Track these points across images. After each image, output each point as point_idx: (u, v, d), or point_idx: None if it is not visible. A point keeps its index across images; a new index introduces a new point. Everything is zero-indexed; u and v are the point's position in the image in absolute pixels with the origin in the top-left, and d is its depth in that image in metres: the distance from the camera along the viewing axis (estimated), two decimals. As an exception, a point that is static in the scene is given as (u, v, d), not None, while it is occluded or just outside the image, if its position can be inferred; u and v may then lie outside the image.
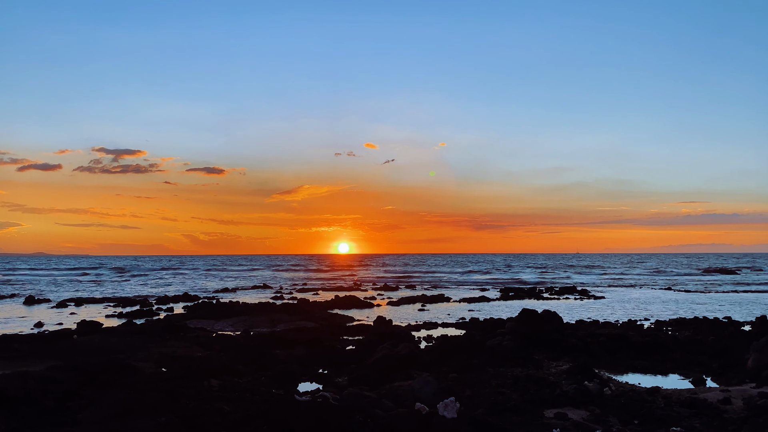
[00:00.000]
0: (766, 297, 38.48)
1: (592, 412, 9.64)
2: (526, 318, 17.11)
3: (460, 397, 10.40)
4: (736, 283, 54.05)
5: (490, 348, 15.27)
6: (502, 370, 13.74)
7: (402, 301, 33.83)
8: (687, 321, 23.47)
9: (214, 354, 15.08)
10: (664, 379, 14.02)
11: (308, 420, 7.47)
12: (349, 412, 7.80)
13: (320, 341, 18.52)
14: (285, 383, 13.25)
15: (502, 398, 10.40)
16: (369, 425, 6.99)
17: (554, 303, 33.70)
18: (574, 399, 10.25)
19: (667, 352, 16.04)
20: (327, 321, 23.81)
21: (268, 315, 24.35)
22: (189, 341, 17.42)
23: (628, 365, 15.32)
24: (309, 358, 15.62)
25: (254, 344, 17.39)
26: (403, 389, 10.00)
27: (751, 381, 12.33)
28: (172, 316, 25.30)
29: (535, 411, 9.51)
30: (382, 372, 12.93)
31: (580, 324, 21.93)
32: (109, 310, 29.73)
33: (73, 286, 52.26)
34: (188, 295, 36.87)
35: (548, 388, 11.00)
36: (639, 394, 11.47)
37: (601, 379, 13.08)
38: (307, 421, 7.50)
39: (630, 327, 20.60)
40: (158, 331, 19.13)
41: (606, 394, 11.18)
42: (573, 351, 16.40)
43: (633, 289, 45.57)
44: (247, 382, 12.69)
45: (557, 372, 13.67)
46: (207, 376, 13.12)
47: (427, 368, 13.88)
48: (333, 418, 7.49)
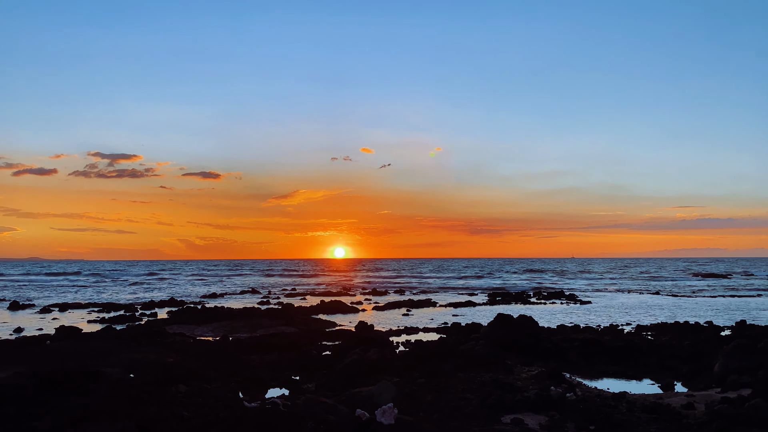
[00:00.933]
0: (753, 302, 38.55)
1: (551, 418, 9.63)
2: (500, 323, 17.11)
3: (421, 403, 10.39)
4: (725, 287, 54.15)
5: (463, 353, 15.26)
6: (472, 375, 13.72)
7: (388, 306, 33.78)
8: (668, 326, 23.50)
9: (186, 359, 15.02)
10: (634, 384, 14.03)
11: (255, 426, 7.43)
12: (299, 419, 7.76)
13: (296, 346, 18.49)
14: (253, 389, 13.21)
15: (463, 403, 10.38)
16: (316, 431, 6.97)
17: (540, 308, 33.72)
18: (535, 404, 10.23)
19: (640, 357, 16.05)
20: (308, 326, 23.76)
21: (249, 320, 24.28)
22: (164, 347, 17.35)
23: (600, 370, 15.33)
24: (282, 363, 15.58)
25: (229, 350, 17.34)
26: (362, 395, 9.96)
27: (717, 386, 12.34)
28: (152, 321, 25.23)
29: (493, 416, 9.49)
30: (350, 378, 12.89)
31: (560, 329, 21.93)
32: (92, 315, 29.61)
33: (61, 291, 52.07)
34: (174, 301, 36.76)
35: (511, 394, 10.98)
36: (604, 399, 11.47)
37: (569, 384, 13.08)
38: (253, 427, 7.46)
39: (607, 332, 20.62)
40: (135, 337, 19.05)
41: (569, 399, 11.17)
42: (547, 356, 16.39)
43: (621, 294, 45.60)
44: (215, 388, 12.63)
45: (527, 377, 13.67)
46: (175, 382, 13.06)
47: (398, 373, 13.84)
48: (281, 425, 7.46)
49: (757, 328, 22.40)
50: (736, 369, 12.64)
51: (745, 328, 22.23)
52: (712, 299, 40.50)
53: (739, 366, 12.72)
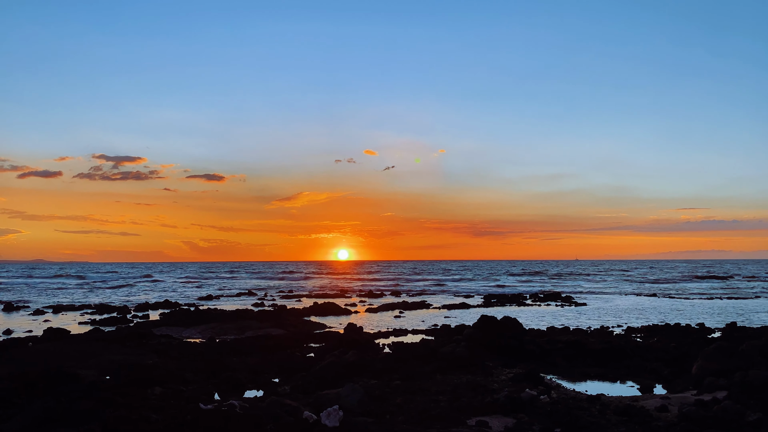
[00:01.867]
0: (751, 304, 38.35)
1: (519, 420, 9.56)
2: (483, 325, 17.04)
3: (390, 405, 10.33)
4: (724, 290, 53.89)
5: (443, 355, 15.20)
6: (451, 377, 13.67)
7: (381, 308, 33.72)
8: (658, 328, 23.38)
9: (166, 361, 14.99)
10: (614, 386, 13.95)
11: (207, 429, 7.40)
12: (255, 421, 7.72)
13: (281, 348, 18.46)
14: (230, 391, 13.19)
15: (432, 405, 10.32)
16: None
17: (534, 309, 33.61)
18: (504, 406, 10.16)
19: (623, 359, 15.96)
20: (297, 328, 23.73)
21: (239, 322, 24.27)
22: (147, 348, 17.34)
23: (582, 372, 15.25)
24: (263, 365, 15.54)
25: (212, 352, 17.32)
26: (329, 397, 9.92)
27: (694, 388, 12.25)
28: (141, 323, 25.24)
29: (458, 419, 9.43)
30: (325, 380, 12.86)
31: (549, 331, 21.82)
32: (85, 317, 29.65)
33: (59, 293, 52.18)
34: (168, 302, 36.79)
35: (482, 396, 10.93)
36: (578, 402, 11.39)
37: (546, 386, 13.00)
38: (206, 429, 7.43)
39: (595, 334, 20.52)
40: (120, 339, 19.06)
41: (542, 401, 11.10)
42: (530, 358, 16.32)
43: (618, 296, 45.44)
44: (192, 390, 12.61)
45: (505, 379, 13.59)
46: (152, 384, 13.05)
47: (376, 375, 13.80)
48: (234, 427, 7.42)
49: (748, 330, 22.25)
50: (714, 371, 12.54)
51: (735, 330, 22.06)
52: (709, 301, 40.31)
53: (718, 368, 12.62)
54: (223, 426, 7.39)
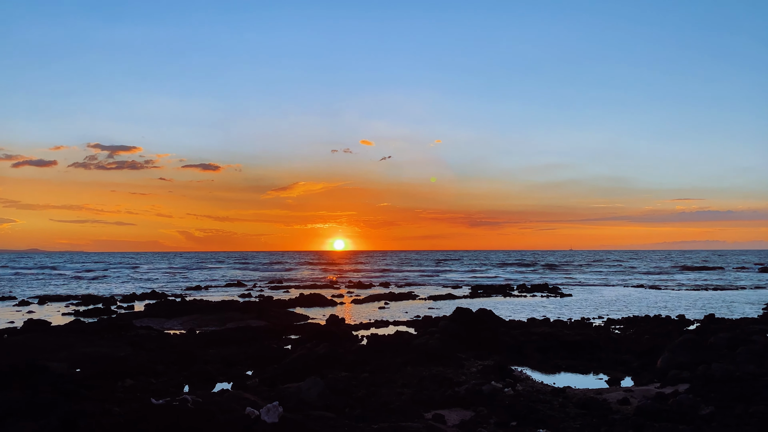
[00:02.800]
0: (736, 295, 38.56)
1: (478, 413, 9.63)
2: (458, 317, 17.12)
3: (351, 398, 10.39)
4: (713, 281, 54.16)
5: (416, 347, 15.27)
6: (421, 369, 13.74)
7: (367, 299, 33.79)
8: (638, 319, 23.51)
9: (140, 354, 15.03)
10: (583, 378, 14.03)
11: (157, 423, 7.44)
12: (207, 415, 7.75)
13: (259, 340, 18.50)
14: (200, 383, 13.24)
15: (394, 398, 10.39)
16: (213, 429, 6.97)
17: (519, 300, 33.74)
18: (465, 399, 10.25)
19: (596, 351, 16.06)
20: (278, 320, 23.77)
21: (221, 313, 24.30)
22: (124, 341, 17.35)
23: (554, 364, 15.33)
24: (237, 357, 15.59)
25: (188, 343, 17.36)
26: (290, 390, 9.98)
27: (658, 381, 12.35)
28: (124, 314, 25.26)
29: (417, 412, 9.50)
30: (294, 372, 12.90)
31: (529, 322, 21.90)
32: (70, 308, 29.63)
33: (49, 283, 52.12)
34: (155, 293, 36.79)
35: (445, 389, 11.00)
36: (542, 394, 11.48)
37: (514, 379, 13.10)
38: (156, 424, 7.47)
39: (575, 326, 20.63)
40: (99, 331, 19.06)
41: (507, 394, 11.19)
42: (504, 350, 16.41)
43: (605, 287, 45.64)
44: (161, 383, 12.67)
45: (476, 371, 13.67)
46: (122, 377, 13.10)
47: (348, 368, 13.86)
48: (184, 422, 7.45)
49: (726, 322, 22.40)
50: (680, 364, 12.64)
51: (712, 321, 22.21)
52: (695, 292, 40.52)
53: (684, 361, 12.72)
54: (173, 421, 7.42)
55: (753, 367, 11.85)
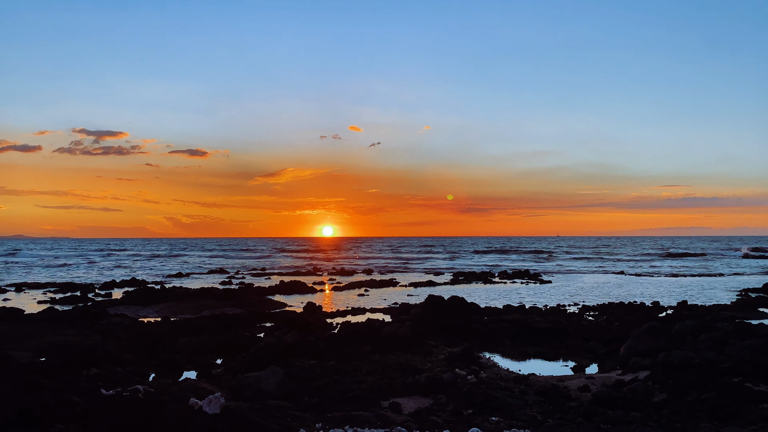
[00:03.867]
0: (714, 281, 39.02)
1: (437, 401, 9.69)
2: (430, 304, 17.19)
3: (312, 387, 10.42)
4: (693, 267, 54.73)
5: (386, 335, 15.31)
6: (389, 357, 13.79)
7: (348, 287, 33.84)
8: (613, 306, 23.73)
9: (109, 342, 14.95)
10: (549, 365, 14.18)
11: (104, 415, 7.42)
12: (157, 406, 7.72)
13: (232, 328, 18.50)
14: (167, 372, 13.21)
15: (355, 387, 10.44)
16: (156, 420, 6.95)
17: (499, 287, 33.94)
18: (425, 387, 10.30)
19: (565, 339, 16.21)
20: (255, 307, 23.75)
21: (198, 301, 24.24)
22: (94, 329, 17.27)
23: (523, 351, 15.46)
24: (207, 345, 15.57)
25: (161, 332, 17.30)
26: (249, 380, 9.98)
27: (621, 368, 12.49)
28: (100, 302, 25.13)
29: (375, 400, 9.54)
30: (261, 361, 12.89)
31: (505, 309, 22.04)
32: (47, 296, 29.41)
33: (29, 270, 51.69)
34: (135, 280, 36.61)
35: (408, 376, 11.05)
36: (505, 382, 11.59)
37: (480, 366, 13.19)
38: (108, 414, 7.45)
39: (543, 313, 20.79)
40: (70, 319, 18.97)
41: (469, 381, 11.26)
42: (474, 337, 16.51)
43: (586, 274, 46.00)
44: (128, 372, 12.63)
45: (443, 358, 13.74)
46: (88, 365, 13.03)
47: (315, 356, 13.87)
48: (131, 412, 7.43)
49: (699, 308, 22.71)
50: (642, 351, 12.78)
51: (684, 308, 22.50)
52: (674, 279, 40.94)
53: (646, 348, 12.86)
54: (119, 412, 7.38)
55: (713, 354, 12.00)
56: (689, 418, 8.45)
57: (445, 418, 8.32)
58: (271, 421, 6.15)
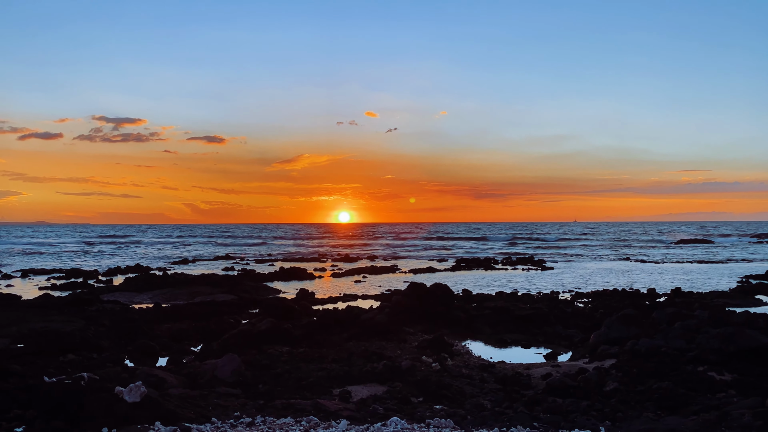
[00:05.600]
0: (720, 267, 38.52)
1: (392, 389, 9.69)
2: (411, 291, 17.18)
3: (270, 374, 10.49)
4: (701, 253, 54.03)
5: (363, 322, 15.34)
6: (364, 344, 13.84)
7: (347, 273, 33.96)
8: (607, 293, 23.53)
9: (86, 328, 15.19)
10: (523, 353, 14.14)
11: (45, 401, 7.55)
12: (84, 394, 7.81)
13: (217, 315, 18.62)
14: (143, 358, 13.41)
15: (314, 374, 10.49)
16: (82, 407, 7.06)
17: (499, 274, 33.81)
18: (382, 375, 10.32)
19: (545, 326, 16.13)
20: (249, 294, 23.95)
21: (191, 288, 24.51)
22: (80, 315, 17.54)
23: (501, 338, 15.43)
24: (188, 332, 15.76)
25: (146, 318, 17.54)
26: (205, 367, 10.09)
27: (589, 356, 12.41)
28: (96, 288, 25.53)
29: (327, 388, 9.59)
30: (232, 348, 13.00)
31: (497, 295, 21.93)
32: (50, 282, 29.91)
33: (39, 257, 52.59)
34: (140, 267, 37.09)
35: (370, 364, 11.07)
36: (470, 369, 11.59)
37: (452, 353, 13.19)
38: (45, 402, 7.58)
39: (529, 299, 20.68)
40: (61, 305, 19.30)
41: (433, 369, 11.27)
42: (455, 324, 16.52)
43: (591, 260, 45.63)
44: (102, 358, 12.84)
45: (415, 345, 13.76)
46: (65, 352, 13.26)
47: (290, 343, 13.92)
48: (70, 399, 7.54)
49: (694, 295, 22.45)
50: (613, 339, 12.68)
51: (678, 294, 22.25)
52: (680, 265, 40.46)
53: (617, 336, 12.75)
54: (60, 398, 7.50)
55: (682, 342, 11.86)
56: (636, 408, 8.38)
57: (387, 407, 8.33)
58: (188, 410, 6.21)
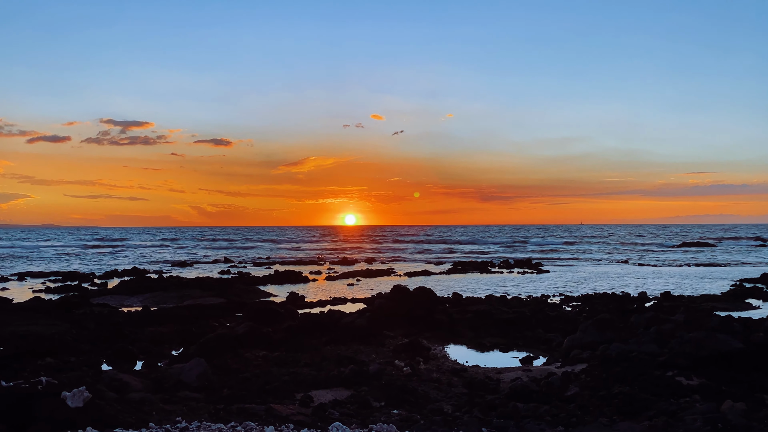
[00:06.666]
0: (717, 271, 38.36)
1: (357, 393, 9.72)
2: (394, 294, 17.21)
3: (237, 378, 10.54)
4: (701, 257, 53.76)
5: (344, 326, 15.39)
6: (341, 347, 13.91)
7: (341, 276, 34.01)
8: (596, 296, 23.47)
9: (68, 332, 15.29)
10: (500, 356, 14.15)
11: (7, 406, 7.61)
12: (46, 398, 7.87)
13: (203, 318, 18.73)
14: (121, 362, 13.49)
15: (282, 378, 10.54)
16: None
17: (494, 277, 33.79)
18: (348, 379, 10.36)
19: (526, 330, 16.13)
20: (239, 297, 24.00)
21: (183, 291, 24.61)
22: (67, 319, 17.64)
23: (481, 342, 15.43)
24: (169, 335, 15.84)
25: (131, 321, 17.64)
26: (171, 372, 10.15)
27: (561, 360, 12.40)
28: (88, 291, 25.69)
29: (290, 393, 9.64)
30: (209, 352, 13.06)
31: (487, 299, 21.90)
32: (45, 285, 30.10)
33: (39, 259, 52.91)
34: (136, 270, 37.27)
35: (338, 368, 11.11)
36: (441, 374, 11.63)
37: (428, 357, 13.21)
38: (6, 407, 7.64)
39: (531, 303, 20.67)
40: (49, 309, 19.39)
41: (404, 372, 11.30)
42: (437, 328, 16.52)
43: (588, 264, 45.50)
44: (80, 361, 12.94)
45: (392, 349, 13.78)
46: (44, 355, 13.38)
47: (269, 347, 14.01)
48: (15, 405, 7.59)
49: (683, 299, 22.40)
50: (587, 343, 12.67)
51: (668, 298, 22.18)
52: (678, 269, 40.30)
53: (591, 340, 12.74)
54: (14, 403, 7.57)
55: (654, 346, 11.84)
56: (594, 413, 8.38)
57: (344, 411, 8.37)
58: (128, 415, 6.27)
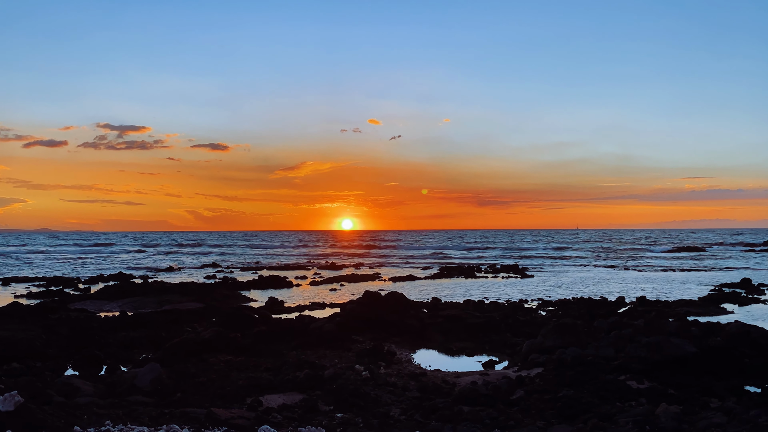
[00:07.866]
0: (700, 276, 38.53)
1: (310, 397, 9.83)
2: (365, 299, 17.33)
3: (192, 383, 10.64)
4: (689, 261, 53.98)
5: (312, 331, 15.50)
6: (308, 352, 14.03)
7: (326, 281, 34.11)
8: (571, 302, 23.60)
9: (38, 337, 15.36)
10: (465, 361, 14.27)
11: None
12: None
13: (178, 324, 18.79)
14: (87, 367, 13.57)
15: (238, 383, 10.65)
16: None
17: (478, 281, 33.92)
18: (302, 383, 10.48)
19: (493, 334, 16.26)
20: (218, 302, 24.07)
21: (162, 296, 24.69)
22: (41, 324, 17.70)
23: (448, 347, 15.56)
24: (140, 340, 15.91)
25: (104, 326, 17.70)
26: (125, 376, 10.25)
27: (520, 364, 12.53)
28: (68, 296, 25.74)
29: (242, 397, 9.75)
30: (173, 357, 13.18)
31: (465, 303, 22.02)
32: (28, 290, 30.14)
33: (26, 264, 52.86)
34: (122, 274, 37.29)
35: (295, 372, 11.22)
36: (399, 378, 11.76)
37: (390, 361, 13.34)
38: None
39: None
40: (24, 314, 19.47)
41: (363, 377, 11.40)
42: (407, 332, 16.63)
43: (574, 268, 45.68)
44: (46, 366, 13.02)
45: (357, 353, 13.88)
46: (10, 360, 13.45)
47: (237, 351, 14.09)
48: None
49: (658, 304, 22.54)
50: (547, 347, 12.81)
51: (643, 303, 22.32)
52: (663, 273, 40.48)
53: (551, 345, 12.88)
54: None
55: (611, 351, 12.01)
56: (535, 416, 8.51)
57: (288, 415, 8.48)
58: (57, 419, 6.38)
